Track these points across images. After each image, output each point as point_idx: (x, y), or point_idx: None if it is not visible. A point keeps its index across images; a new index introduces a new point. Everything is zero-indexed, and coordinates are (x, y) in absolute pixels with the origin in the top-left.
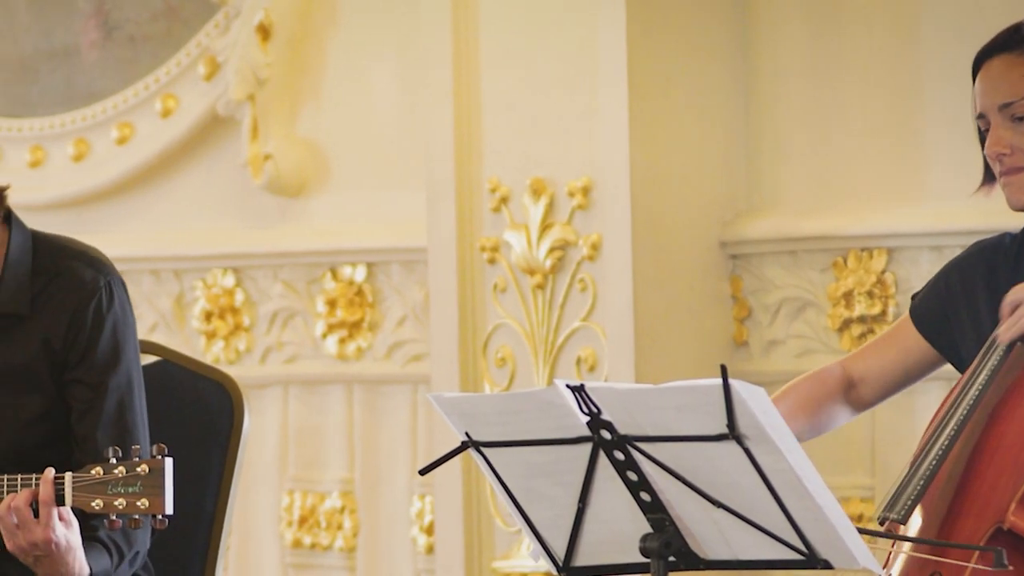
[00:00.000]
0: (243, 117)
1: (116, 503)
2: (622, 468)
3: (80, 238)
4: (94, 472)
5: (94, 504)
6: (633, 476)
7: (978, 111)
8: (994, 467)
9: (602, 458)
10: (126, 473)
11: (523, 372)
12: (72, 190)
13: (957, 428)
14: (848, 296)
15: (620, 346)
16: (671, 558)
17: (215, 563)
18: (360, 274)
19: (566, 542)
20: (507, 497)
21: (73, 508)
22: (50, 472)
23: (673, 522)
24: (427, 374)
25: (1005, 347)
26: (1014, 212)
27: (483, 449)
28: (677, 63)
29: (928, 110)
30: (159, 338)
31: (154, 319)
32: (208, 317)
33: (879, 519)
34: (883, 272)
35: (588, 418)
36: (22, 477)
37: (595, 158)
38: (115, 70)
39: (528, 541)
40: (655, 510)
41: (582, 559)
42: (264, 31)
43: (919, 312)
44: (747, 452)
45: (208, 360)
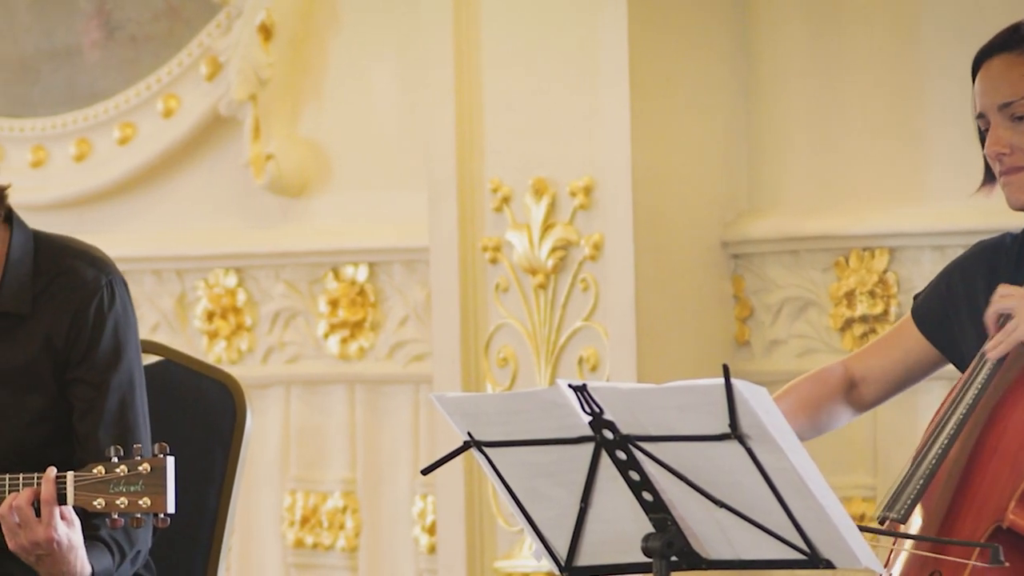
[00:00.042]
0: (245, 117)
1: (118, 502)
2: (624, 468)
3: (82, 238)
4: (96, 471)
5: (96, 503)
6: (635, 476)
7: (978, 111)
8: (993, 466)
9: (604, 458)
10: (128, 472)
11: (525, 372)
12: (74, 190)
13: (956, 427)
14: (850, 296)
15: (622, 346)
16: (673, 558)
17: (217, 563)
18: (362, 274)
19: (568, 542)
20: (509, 497)
21: (75, 507)
22: (52, 471)
23: (675, 522)
24: (429, 374)
25: (994, 363)
26: (1014, 212)
27: (485, 449)
28: (678, 63)
29: (928, 110)
30: (161, 338)
31: (156, 319)
32: (210, 317)
33: (879, 518)
34: (885, 272)
35: (590, 418)
36: (24, 476)
37: (597, 158)
38: (117, 70)
39: (530, 541)
40: (657, 510)
41: (584, 559)
42: (266, 31)
43: (921, 312)
44: (749, 452)
45: (210, 360)
